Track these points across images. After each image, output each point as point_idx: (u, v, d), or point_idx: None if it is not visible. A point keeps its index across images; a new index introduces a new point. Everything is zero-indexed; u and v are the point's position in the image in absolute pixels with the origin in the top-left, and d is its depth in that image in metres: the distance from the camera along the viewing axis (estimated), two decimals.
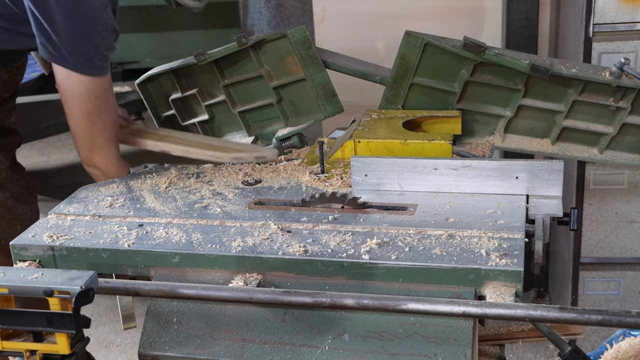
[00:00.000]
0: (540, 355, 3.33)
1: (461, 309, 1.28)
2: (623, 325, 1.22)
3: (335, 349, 1.43)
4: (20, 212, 2.29)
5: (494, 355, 2.10)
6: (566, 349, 1.92)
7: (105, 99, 2.01)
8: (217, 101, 2.40)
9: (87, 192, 1.87)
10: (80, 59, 1.93)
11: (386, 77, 2.23)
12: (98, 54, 1.95)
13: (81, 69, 1.94)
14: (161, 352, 1.51)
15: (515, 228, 1.51)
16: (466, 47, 2.05)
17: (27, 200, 2.31)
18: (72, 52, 1.92)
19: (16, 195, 2.27)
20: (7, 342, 1.33)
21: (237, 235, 1.57)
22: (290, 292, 1.35)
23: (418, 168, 1.75)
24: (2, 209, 2.24)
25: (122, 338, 3.62)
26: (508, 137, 2.21)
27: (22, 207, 2.28)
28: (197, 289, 1.38)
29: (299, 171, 1.95)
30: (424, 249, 1.45)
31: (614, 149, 2.16)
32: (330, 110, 2.29)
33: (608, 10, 2.65)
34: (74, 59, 1.92)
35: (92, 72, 1.95)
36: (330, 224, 1.60)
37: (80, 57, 1.92)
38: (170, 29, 7.03)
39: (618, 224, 2.98)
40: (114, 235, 1.61)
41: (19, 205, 2.27)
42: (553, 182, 1.69)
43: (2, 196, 2.26)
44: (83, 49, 1.92)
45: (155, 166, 2.07)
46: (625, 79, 2.02)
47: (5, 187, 2.26)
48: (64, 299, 1.26)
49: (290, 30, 2.20)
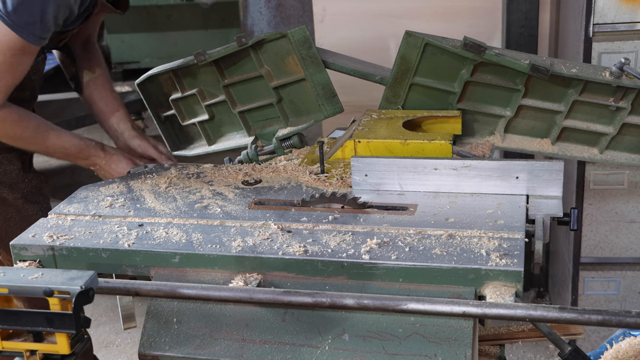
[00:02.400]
0: (540, 355, 3.34)
1: (461, 309, 1.28)
2: (623, 325, 1.22)
3: (335, 349, 1.43)
4: (30, 212, 2.28)
5: (494, 355, 2.10)
6: (566, 349, 1.92)
7: (21, 61, 1.95)
8: (217, 101, 2.40)
9: (87, 192, 1.87)
10: (23, 20, 1.87)
11: (386, 77, 2.23)
12: (42, 22, 1.89)
13: (19, 30, 1.88)
14: (161, 352, 1.51)
15: (515, 228, 1.51)
16: (466, 47, 2.05)
17: (38, 201, 2.30)
18: (18, 11, 1.86)
19: (26, 195, 2.27)
20: (7, 342, 1.33)
21: (237, 235, 1.57)
22: (290, 292, 1.35)
23: (418, 168, 1.75)
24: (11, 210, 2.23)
25: (122, 338, 3.62)
26: (508, 137, 2.21)
27: (32, 208, 2.28)
28: (197, 289, 1.38)
29: (299, 171, 1.95)
30: (424, 249, 1.46)
31: (614, 149, 2.16)
32: (330, 110, 2.29)
33: (608, 10, 2.65)
34: (17, 18, 1.87)
35: (27, 38, 1.90)
36: (330, 224, 1.60)
37: (23, 18, 1.87)
38: (170, 29, 7.03)
39: (618, 224, 2.98)
40: (114, 235, 1.61)
41: (29, 206, 2.26)
42: (553, 182, 1.69)
43: (12, 197, 2.25)
44: (30, 11, 1.87)
45: (155, 166, 2.07)
46: (625, 79, 2.02)
47: (16, 187, 2.26)
48: (64, 299, 1.26)
49: (290, 30, 2.20)
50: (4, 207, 2.21)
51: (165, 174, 1.97)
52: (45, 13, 1.88)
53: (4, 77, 1.95)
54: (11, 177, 2.24)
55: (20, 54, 1.94)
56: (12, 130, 2.05)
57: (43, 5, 1.87)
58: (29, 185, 2.29)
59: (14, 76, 1.97)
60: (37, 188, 2.31)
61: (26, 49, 1.93)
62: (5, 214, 2.24)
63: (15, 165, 2.24)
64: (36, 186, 2.31)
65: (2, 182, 2.23)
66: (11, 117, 2.03)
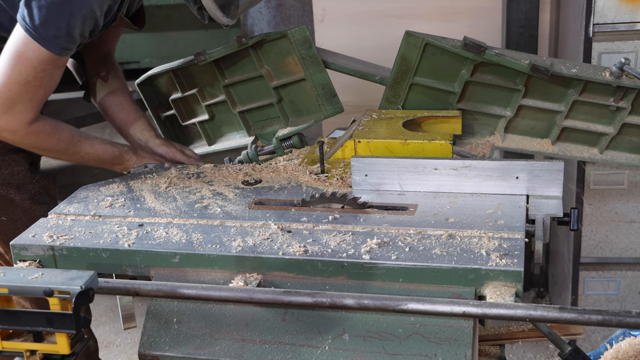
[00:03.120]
0: (540, 355, 3.34)
1: (461, 309, 1.28)
2: (623, 325, 1.22)
3: (336, 349, 1.43)
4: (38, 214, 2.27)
5: (494, 355, 2.10)
6: (566, 349, 1.92)
7: (51, 75, 1.97)
8: (217, 101, 2.40)
9: (87, 192, 1.87)
10: (50, 34, 1.88)
11: (386, 77, 2.23)
12: (68, 35, 1.91)
13: (46, 43, 1.89)
14: (161, 352, 1.51)
15: (515, 228, 1.51)
16: (466, 47, 2.05)
17: (45, 202, 2.29)
18: (45, 25, 1.88)
19: (34, 196, 2.26)
20: (7, 342, 1.33)
21: (237, 235, 1.57)
22: (291, 292, 1.35)
23: (418, 168, 1.75)
24: (18, 211, 2.22)
25: (122, 338, 3.62)
26: (508, 137, 2.21)
27: (39, 209, 2.27)
28: (197, 289, 1.38)
29: (299, 171, 1.95)
30: (424, 249, 1.45)
31: (614, 149, 2.16)
32: (330, 110, 2.29)
33: (608, 10, 2.65)
34: (44, 32, 1.88)
35: (54, 50, 1.91)
36: (330, 224, 1.60)
37: (50, 32, 1.88)
38: (170, 29, 7.03)
39: (618, 224, 2.98)
40: (114, 235, 1.61)
41: (37, 207, 2.26)
42: (553, 182, 1.69)
43: (19, 198, 2.25)
44: (57, 23, 1.88)
45: (155, 166, 2.07)
46: (626, 79, 2.02)
47: (23, 188, 2.25)
48: (64, 299, 1.26)
49: (291, 30, 2.20)
50: (12, 208, 2.21)
51: (165, 174, 1.97)
52: (71, 27, 1.90)
53: (37, 91, 1.96)
54: (18, 178, 2.24)
55: (51, 68, 1.95)
56: (47, 142, 2.07)
57: (69, 18, 1.89)
58: (37, 186, 2.29)
59: (46, 90, 1.99)
60: (45, 189, 2.31)
61: (55, 62, 1.95)
62: (13, 214, 2.23)
63: (22, 166, 2.24)
64: (44, 187, 2.31)
65: (10, 183, 2.23)
66: (45, 130, 2.04)
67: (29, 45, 1.90)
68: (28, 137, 2.02)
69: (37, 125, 2.01)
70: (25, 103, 1.95)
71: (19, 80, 1.92)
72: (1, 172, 2.20)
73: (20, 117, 1.96)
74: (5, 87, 1.92)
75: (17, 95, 1.93)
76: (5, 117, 1.95)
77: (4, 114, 1.94)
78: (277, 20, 4.22)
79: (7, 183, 2.22)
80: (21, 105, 1.95)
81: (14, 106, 1.94)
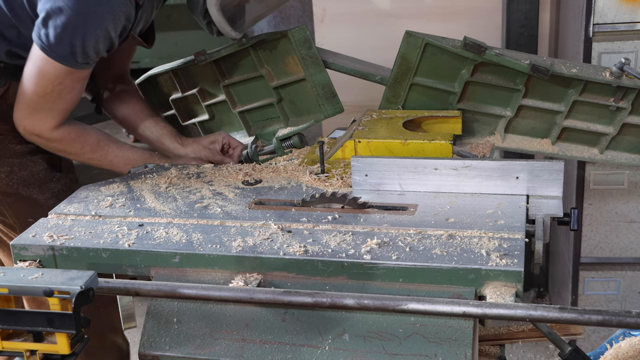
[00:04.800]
0: (540, 355, 3.34)
1: (461, 309, 1.28)
2: (623, 325, 1.22)
3: (336, 349, 1.43)
4: None
5: (494, 355, 2.10)
6: (566, 349, 1.92)
7: (70, 88, 2.04)
8: (217, 101, 2.40)
9: (87, 192, 1.87)
10: (66, 51, 1.95)
11: (386, 77, 2.23)
12: (83, 52, 1.97)
13: (61, 59, 1.97)
14: (161, 352, 1.51)
15: (515, 228, 1.51)
16: (466, 47, 2.05)
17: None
18: (60, 43, 1.94)
19: (58, 195, 2.28)
20: (7, 342, 1.33)
21: (237, 235, 1.57)
22: (291, 292, 1.35)
23: (418, 168, 1.75)
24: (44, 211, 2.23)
25: None
26: (508, 137, 2.21)
27: None
28: (197, 289, 1.38)
29: (299, 171, 1.95)
30: (424, 249, 1.45)
31: (614, 149, 2.16)
32: (330, 110, 2.29)
33: (608, 10, 2.65)
34: (59, 49, 1.95)
35: (70, 64, 1.98)
36: (330, 224, 1.60)
37: (66, 49, 1.95)
38: (170, 29, 7.02)
39: (618, 224, 2.98)
40: (114, 235, 1.61)
41: None
42: (553, 182, 1.69)
43: (43, 197, 2.26)
44: (72, 42, 1.94)
45: (155, 166, 2.07)
46: (626, 79, 2.02)
47: (45, 187, 2.27)
48: (64, 299, 1.26)
49: (290, 30, 2.20)
50: (36, 209, 2.21)
51: (165, 174, 1.97)
52: (86, 45, 1.96)
53: (56, 102, 2.05)
54: (39, 178, 2.26)
55: (69, 82, 2.03)
56: (72, 147, 2.14)
57: (83, 36, 1.95)
58: (59, 184, 2.31)
59: (66, 101, 2.07)
60: (68, 187, 2.32)
61: (72, 75, 2.02)
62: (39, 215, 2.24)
63: (40, 165, 2.26)
64: (66, 185, 2.32)
65: (31, 184, 2.25)
66: (69, 136, 2.12)
67: (46, 62, 1.99)
68: (51, 142, 2.12)
69: (61, 131, 2.11)
70: (45, 112, 2.06)
71: (38, 92, 2.03)
72: (21, 174, 2.24)
73: (41, 123, 2.08)
74: (27, 97, 2.04)
75: (37, 104, 2.05)
76: (28, 121, 2.08)
77: (27, 118, 2.08)
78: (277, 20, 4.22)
79: (29, 184, 2.25)
80: (41, 113, 2.06)
81: (35, 113, 2.06)
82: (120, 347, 2.54)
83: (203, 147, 2.29)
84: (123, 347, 2.56)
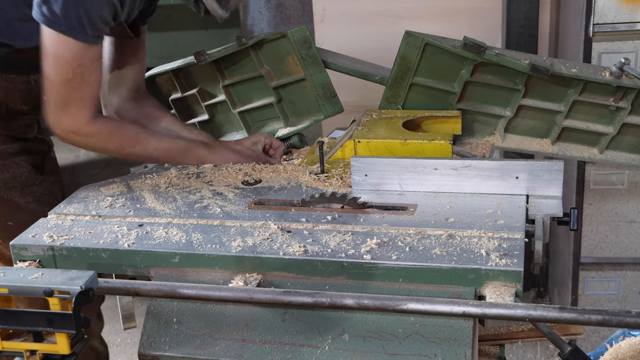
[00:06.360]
0: (540, 355, 3.34)
1: (461, 309, 1.28)
2: (623, 325, 1.22)
3: (335, 349, 1.43)
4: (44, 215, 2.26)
5: (494, 355, 2.10)
6: (566, 349, 1.92)
7: (90, 69, 1.97)
8: (217, 101, 2.40)
9: (87, 192, 1.87)
10: (74, 22, 1.90)
11: (386, 77, 2.23)
12: (90, 23, 1.92)
13: (72, 33, 1.91)
14: (161, 352, 1.51)
15: (515, 228, 1.51)
16: (466, 47, 2.05)
17: (51, 203, 2.28)
18: (66, 15, 1.89)
19: (39, 198, 2.25)
20: (7, 342, 1.33)
21: (237, 235, 1.57)
22: (290, 292, 1.35)
23: (418, 168, 1.75)
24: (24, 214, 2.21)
25: (122, 338, 3.62)
26: (508, 137, 2.21)
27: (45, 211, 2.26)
28: (197, 289, 1.38)
29: (299, 171, 1.95)
30: (424, 249, 1.45)
31: (614, 149, 2.16)
32: (330, 110, 2.29)
33: (608, 10, 2.65)
34: (67, 21, 1.89)
35: (82, 38, 1.92)
36: (330, 224, 1.60)
37: (73, 21, 1.90)
38: (170, 29, 7.02)
39: (618, 224, 2.98)
40: (114, 235, 1.61)
41: (43, 209, 2.23)
42: (553, 182, 1.69)
43: (24, 201, 2.23)
44: (77, 12, 1.89)
45: (155, 166, 2.07)
46: (625, 79, 2.02)
47: (27, 190, 2.24)
48: (64, 299, 1.26)
49: (290, 30, 2.20)
50: (18, 212, 2.20)
51: (165, 174, 1.97)
52: (91, 14, 1.91)
53: (82, 87, 1.97)
54: (21, 181, 2.23)
55: (87, 62, 1.96)
56: (109, 142, 2.06)
57: (87, 7, 1.91)
58: (42, 187, 2.28)
59: (90, 85, 1.99)
60: (50, 190, 2.30)
61: (87, 53, 1.95)
62: (19, 218, 2.22)
63: (24, 168, 2.23)
64: (47, 188, 2.30)
65: (13, 187, 2.21)
66: (106, 129, 2.05)
67: (58, 41, 1.91)
68: (90, 137, 2.03)
69: (98, 125, 2.02)
70: (76, 103, 1.97)
71: (61, 80, 1.94)
72: (3, 176, 2.19)
73: (76, 118, 1.99)
74: (53, 90, 1.95)
75: (65, 96, 1.96)
76: (64, 118, 1.99)
77: (61, 116, 1.98)
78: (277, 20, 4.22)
79: (11, 187, 2.21)
80: (73, 106, 1.97)
81: (67, 107, 1.97)
82: (98, 351, 2.53)
83: (246, 149, 2.27)
84: (101, 351, 2.54)
